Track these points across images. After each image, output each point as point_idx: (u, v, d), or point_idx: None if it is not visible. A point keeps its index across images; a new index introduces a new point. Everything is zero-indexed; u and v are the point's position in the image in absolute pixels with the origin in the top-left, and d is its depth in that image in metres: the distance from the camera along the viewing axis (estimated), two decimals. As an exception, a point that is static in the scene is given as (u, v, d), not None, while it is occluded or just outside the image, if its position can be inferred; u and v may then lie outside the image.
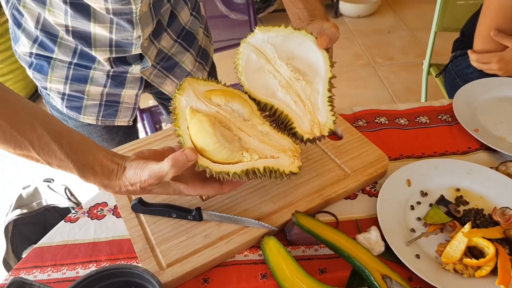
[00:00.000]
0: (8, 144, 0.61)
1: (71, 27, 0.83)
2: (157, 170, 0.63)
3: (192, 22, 1.04)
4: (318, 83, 0.73)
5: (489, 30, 1.20)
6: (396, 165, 0.85)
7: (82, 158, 0.64)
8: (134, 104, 1.02)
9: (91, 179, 0.66)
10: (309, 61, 0.74)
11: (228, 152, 0.65)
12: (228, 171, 0.65)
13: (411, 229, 0.74)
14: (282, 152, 0.69)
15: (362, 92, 2.69)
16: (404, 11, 3.47)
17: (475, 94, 1.03)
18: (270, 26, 0.74)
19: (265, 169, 0.67)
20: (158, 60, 0.99)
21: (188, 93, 0.67)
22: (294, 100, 0.72)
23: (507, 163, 0.83)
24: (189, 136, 0.66)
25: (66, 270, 0.72)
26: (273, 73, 0.74)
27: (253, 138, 0.68)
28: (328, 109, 0.72)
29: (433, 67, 1.79)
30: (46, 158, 0.63)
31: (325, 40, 0.72)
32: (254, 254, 0.73)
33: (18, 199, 1.53)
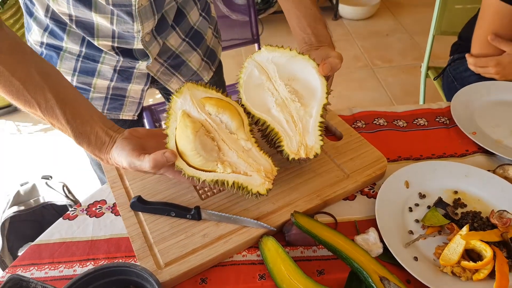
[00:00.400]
0: (19, 101, 0.69)
1: (74, 16, 0.84)
2: (137, 165, 0.69)
3: (201, 23, 1.05)
4: (312, 107, 0.76)
5: (487, 34, 1.21)
6: (394, 166, 0.86)
7: (80, 127, 0.71)
8: (139, 99, 1.03)
9: (85, 147, 0.73)
10: (307, 85, 0.77)
11: (203, 160, 0.69)
12: (199, 177, 0.70)
13: (409, 231, 0.75)
14: (256, 171, 0.72)
15: (360, 93, 2.70)
16: (402, 14, 3.48)
17: (473, 97, 1.04)
18: (276, 47, 0.78)
19: (234, 183, 0.70)
20: (166, 57, 1.00)
21: (185, 96, 0.71)
22: (286, 119, 0.76)
23: (504, 166, 0.84)
24: (175, 136, 0.70)
25: (63, 268, 0.72)
26: (272, 91, 0.78)
27: (232, 151, 0.72)
28: (318, 134, 0.75)
29: (431, 70, 1.80)
30: (50, 119, 0.71)
31: (326, 68, 0.75)
32: (252, 255, 0.73)
33: (15, 196, 1.52)
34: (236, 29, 2.03)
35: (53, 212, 1.57)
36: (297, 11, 0.87)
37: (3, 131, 2.60)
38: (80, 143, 0.72)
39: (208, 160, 0.70)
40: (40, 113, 0.70)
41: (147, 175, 0.84)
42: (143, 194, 0.79)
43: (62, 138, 2.51)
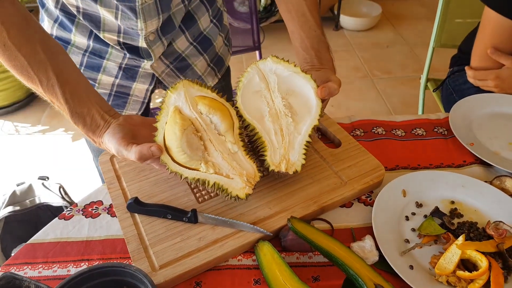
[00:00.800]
0: (23, 76, 0.72)
1: (82, 8, 0.85)
2: (124, 154, 0.71)
3: (211, 29, 1.05)
4: (303, 125, 0.78)
5: (486, 48, 1.21)
6: (392, 175, 0.86)
7: (77, 107, 0.73)
8: (143, 99, 1.03)
9: (80, 127, 0.75)
10: (303, 104, 0.79)
11: (187, 158, 0.71)
12: (182, 174, 0.71)
13: (405, 240, 0.74)
14: (238, 175, 0.73)
15: (359, 103, 2.71)
16: (403, 26, 3.51)
17: (471, 109, 1.04)
18: (282, 60, 0.79)
19: (214, 184, 0.72)
20: (172, 59, 1.00)
21: (179, 93, 0.73)
22: (275, 131, 0.77)
23: (501, 177, 0.84)
24: (164, 131, 0.72)
25: (57, 268, 0.72)
26: (268, 100, 0.79)
27: (218, 152, 0.73)
28: (302, 152, 0.76)
29: (431, 81, 1.81)
30: (50, 97, 0.73)
31: (325, 91, 0.77)
32: (248, 259, 0.73)
33: (11, 196, 1.51)
34: (238, 36, 2.04)
35: (48, 213, 1.56)
36: (302, 31, 0.88)
37: (1, 131, 2.60)
38: (75, 123, 0.74)
39: (192, 159, 0.71)
40: (41, 90, 0.72)
41: (144, 177, 0.84)
42: (140, 195, 0.79)
43: (59, 139, 2.51)
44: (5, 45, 0.68)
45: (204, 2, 1.00)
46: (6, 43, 0.68)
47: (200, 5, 0.99)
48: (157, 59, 0.95)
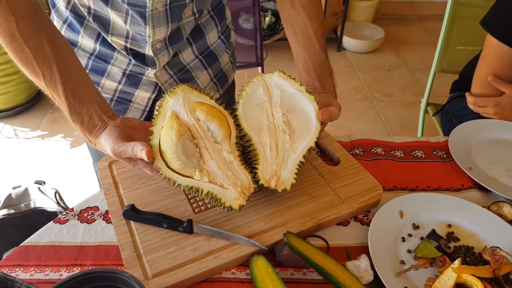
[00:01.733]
0: (27, 69, 0.72)
1: (93, 10, 0.86)
2: (120, 151, 0.70)
3: (218, 45, 1.05)
4: (299, 145, 0.78)
5: (487, 75, 1.23)
6: (389, 195, 0.86)
7: (77, 106, 0.74)
8: (145, 107, 1.03)
9: (77, 126, 0.75)
10: (302, 123, 0.79)
11: (182, 165, 0.71)
12: (175, 181, 0.71)
13: (401, 261, 0.74)
14: (232, 185, 0.73)
15: (358, 124, 2.72)
16: (405, 51, 3.55)
17: (471, 134, 1.05)
18: (288, 77, 0.80)
19: (208, 193, 0.71)
20: (176, 70, 1.00)
21: (178, 97, 0.73)
22: (271, 145, 0.77)
23: (499, 203, 0.84)
24: (159, 135, 0.71)
25: (49, 272, 0.71)
26: (268, 114, 0.79)
27: (213, 161, 0.73)
28: (294, 171, 0.76)
29: (431, 106, 1.83)
30: (51, 92, 0.74)
31: (326, 115, 0.78)
32: (241, 273, 0.73)
33: (6, 199, 1.50)
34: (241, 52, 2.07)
35: (42, 218, 1.55)
36: (306, 55, 0.89)
37: (1, 134, 2.60)
38: (73, 121, 0.75)
39: (187, 166, 0.71)
40: (44, 84, 0.73)
41: (142, 185, 0.84)
42: (136, 203, 0.79)
43: (58, 145, 2.51)
44: (13, 36, 0.69)
45: (214, 18, 1.01)
46: (14, 34, 0.69)
47: (210, 20, 1.00)
48: (161, 68, 0.96)
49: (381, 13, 4.03)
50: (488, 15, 1.23)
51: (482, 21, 1.23)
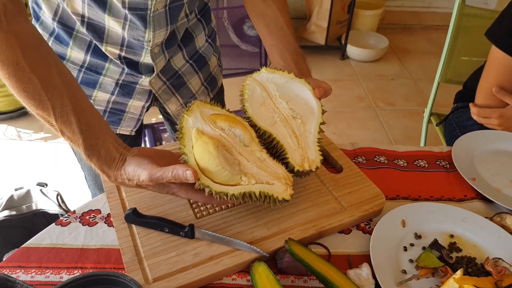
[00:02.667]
0: (33, 101, 0.65)
1: (87, 18, 0.83)
2: (158, 176, 0.67)
3: (206, 48, 1.07)
4: (310, 125, 0.81)
5: (491, 86, 1.23)
6: (392, 204, 0.85)
7: (92, 139, 0.68)
8: (139, 115, 1.02)
9: (94, 161, 0.69)
10: (304, 105, 0.82)
11: (229, 174, 0.69)
12: (227, 192, 0.69)
13: (402, 270, 0.74)
14: (276, 179, 0.73)
15: (361, 133, 2.72)
16: (408, 60, 3.56)
17: (474, 144, 1.05)
18: (275, 69, 0.83)
19: (260, 193, 0.70)
20: (168, 76, 1.00)
21: (195, 114, 0.72)
22: (289, 134, 0.79)
23: (502, 214, 0.84)
24: (193, 155, 0.69)
25: (50, 274, 0.71)
26: (273, 108, 0.81)
27: (251, 163, 0.73)
28: (317, 149, 0.79)
29: (434, 116, 1.83)
30: (61, 126, 0.67)
31: (321, 91, 0.81)
32: (242, 279, 0.72)
33: (8, 200, 1.51)
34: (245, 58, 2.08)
35: (43, 220, 1.55)
36: (281, 44, 0.92)
37: (4, 136, 2.61)
38: (89, 156, 0.69)
39: (233, 174, 0.70)
40: (53, 117, 0.66)
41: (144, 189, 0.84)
42: (139, 207, 0.79)
43: (61, 148, 2.51)
44: (18, 64, 0.62)
45: (201, 21, 1.02)
46: (19, 63, 0.62)
47: (197, 23, 1.01)
48: (155, 75, 0.95)
49: (385, 23, 4.04)
50: (493, 26, 1.23)
51: (487, 32, 1.23)
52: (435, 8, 4.22)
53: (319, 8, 3.36)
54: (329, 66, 3.38)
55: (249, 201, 0.71)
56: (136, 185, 0.71)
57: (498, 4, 4.04)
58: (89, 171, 1.10)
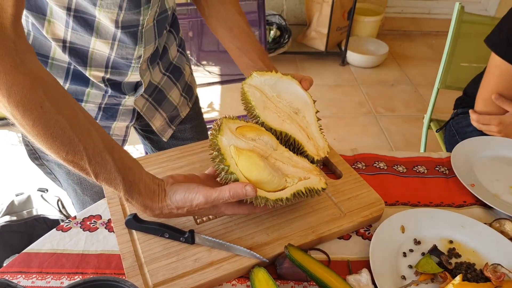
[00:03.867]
0: (63, 146, 0.59)
1: (69, 43, 0.80)
2: (215, 196, 0.66)
3: (178, 58, 1.07)
4: (309, 116, 0.86)
5: (491, 93, 1.23)
6: (391, 210, 0.86)
7: (130, 175, 0.65)
8: (124, 136, 1.01)
9: (135, 197, 0.66)
10: (298, 99, 0.87)
11: (279, 181, 0.72)
12: (281, 197, 0.71)
13: (402, 276, 0.74)
14: (309, 173, 0.77)
15: (361, 139, 2.72)
16: (408, 66, 3.57)
17: (473, 150, 1.05)
18: (264, 72, 0.86)
19: (305, 189, 0.74)
20: (149, 92, 1.00)
21: (226, 132, 0.73)
22: (298, 129, 0.83)
23: (501, 220, 0.84)
24: (241, 172, 0.70)
25: (51, 279, 0.71)
26: (275, 108, 0.84)
27: (286, 165, 0.77)
28: (321, 136, 0.85)
29: (434, 122, 1.83)
30: (96, 168, 0.62)
31: (307, 83, 0.87)
32: (242, 285, 0.73)
33: (9, 206, 1.51)
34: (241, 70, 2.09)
35: (44, 226, 1.56)
36: (247, 46, 0.95)
37: (5, 141, 2.61)
38: (130, 194, 0.65)
39: (281, 180, 0.73)
40: (86, 160, 0.60)
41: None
42: (139, 212, 0.79)
43: (62, 154, 2.51)
44: (43, 107, 0.56)
45: (172, 32, 1.02)
46: (43, 105, 0.56)
47: (169, 35, 1.01)
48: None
49: (385, 29, 4.06)
50: (492, 33, 1.24)
51: (487, 39, 1.24)
52: (435, 14, 4.24)
53: (319, 15, 3.38)
54: (329, 72, 3.39)
55: (294, 200, 0.74)
56: (186, 212, 0.69)
57: (497, 11, 4.06)
58: (76, 199, 1.06)
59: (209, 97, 3.00)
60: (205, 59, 3.08)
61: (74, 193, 1.04)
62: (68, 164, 0.62)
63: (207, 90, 3.01)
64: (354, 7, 3.27)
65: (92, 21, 0.77)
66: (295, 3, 3.83)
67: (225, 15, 0.96)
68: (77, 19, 0.76)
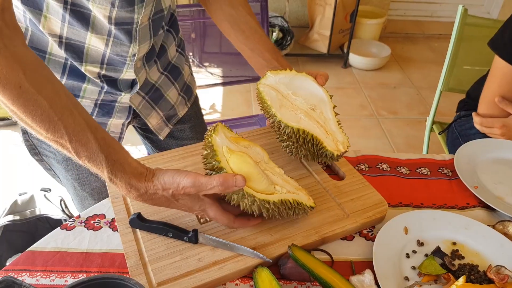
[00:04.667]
0: (43, 124, 0.61)
1: (65, 38, 0.81)
2: (203, 181, 0.67)
3: (177, 58, 1.08)
4: (326, 111, 0.87)
5: (494, 96, 1.24)
6: (394, 212, 0.86)
7: (113, 154, 0.66)
8: (120, 134, 1.01)
9: (119, 175, 0.67)
10: (313, 95, 0.88)
11: (267, 183, 0.73)
12: (269, 200, 0.72)
13: (405, 277, 0.74)
14: (299, 190, 0.78)
15: (364, 141, 2.73)
16: (411, 69, 3.57)
17: (476, 152, 1.05)
18: (278, 70, 0.88)
19: (293, 201, 0.74)
20: (146, 91, 1.00)
21: (221, 134, 0.75)
22: (316, 125, 0.84)
23: (504, 222, 0.84)
24: (231, 169, 0.71)
25: (55, 277, 0.72)
26: (292, 106, 0.85)
27: (276, 176, 0.77)
28: (341, 131, 0.86)
29: (436, 124, 1.83)
30: (77, 146, 0.64)
31: (323, 79, 0.87)
32: (245, 284, 0.73)
33: (12, 205, 1.52)
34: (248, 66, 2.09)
35: (47, 225, 1.56)
36: (260, 46, 0.96)
37: (8, 141, 2.62)
38: (113, 172, 0.66)
39: (269, 184, 0.73)
40: (66, 138, 0.62)
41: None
42: (143, 212, 0.79)
43: (65, 154, 2.52)
44: (22, 87, 0.59)
45: (171, 32, 1.03)
46: (22, 85, 0.59)
47: (168, 34, 1.01)
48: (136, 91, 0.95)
49: (388, 32, 4.06)
50: (496, 36, 1.24)
51: (490, 42, 1.24)
52: (438, 17, 4.25)
53: (321, 17, 3.39)
54: (332, 74, 3.39)
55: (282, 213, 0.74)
56: (171, 195, 0.69)
57: (500, 14, 4.06)
58: (75, 195, 1.08)
59: (211, 99, 3.01)
60: (207, 60, 3.09)
61: (72, 188, 1.06)
62: (51, 143, 0.64)
63: (209, 92, 3.02)
64: (357, 9, 3.28)
65: (88, 15, 0.78)
66: (297, 5, 3.84)
67: (237, 18, 0.97)
68: (73, 12, 0.77)
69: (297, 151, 0.84)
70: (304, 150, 0.83)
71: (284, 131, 0.83)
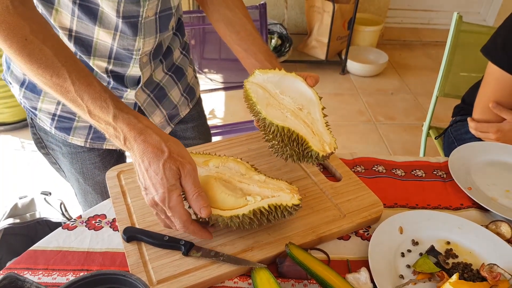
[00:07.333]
0: (47, 69, 0.67)
1: (75, 32, 0.84)
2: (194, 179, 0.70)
3: (182, 59, 1.11)
4: (314, 112, 0.86)
5: (489, 101, 1.25)
6: (390, 213, 0.88)
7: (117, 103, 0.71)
8: None
9: (126, 110, 0.71)
10: (302, 96, 0.87)
11: (233, 198, 0.74)
12: (237, 214, 0.72)
13: (400, 275, 0.75)
14: (280, 191, 0.76)
15: (361, 146, 2.75)
16: (408, 75, 3.60)
17: (470, 155, 1.07)
18: (267, 69, 0.88)
19: (269, 206, 0.73)
20: (151, 89, 1.02)
21: None
22: (302, 125, 0.83)
23: (497, 222, 0.86)
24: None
25: (57, 276, 0.73)
26: (279, 105, 0.85)
27: (252, 185, 0.78)
28: (328, 132, 0.84)
29: (433, 129, 1.85)
30: (81, 88, 0.69)
31: (312, 80, 0.88)
32: (243, 282, 0.74)
33: (12, 208, 1.53)
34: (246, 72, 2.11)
35: (46, 229, 1.57)
36: (254, 48, 0.97)
37: (8, 146, 2.63)
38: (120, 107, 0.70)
39: (237, 197, 0.74)
40: (69, 82, 0.68)
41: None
42: (143, 212, 0.81)
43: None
44: (27, 39, 0.65)
45: (178, 35, 1.06)
46: (28, 37, 0.65)
47: (174, 37, 1.05)
48: (139, 88, 0.97)
49: (385, 39, 4.10)
50: (488, 43, 1.26)
51: (483, 48, 1.26)
52: (434, 24, 4.29)
53: (319, 24, 3.43)
54: (330, 81, 3.43)
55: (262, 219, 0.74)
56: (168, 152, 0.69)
57: (496, 21, 4.10)
58: (79, 189, 1.10)
59: (211, 104, 3.03)
60: (207, 66, 3.12)
61: (76, 182, 1.08)
62: (55, 89, 0.69)
63: (209, 97, 3.04)
64: (355, 17, 3.31)
65: (96, 10, 0.81)
66: (296, 12, 3.88)
67: (233, 20, 0.99)
68: (82, 7, 0.80)
69: (283, 151, 0.83)
70: (290, 150, 0.82)
71: (269, 129, 0.82)
